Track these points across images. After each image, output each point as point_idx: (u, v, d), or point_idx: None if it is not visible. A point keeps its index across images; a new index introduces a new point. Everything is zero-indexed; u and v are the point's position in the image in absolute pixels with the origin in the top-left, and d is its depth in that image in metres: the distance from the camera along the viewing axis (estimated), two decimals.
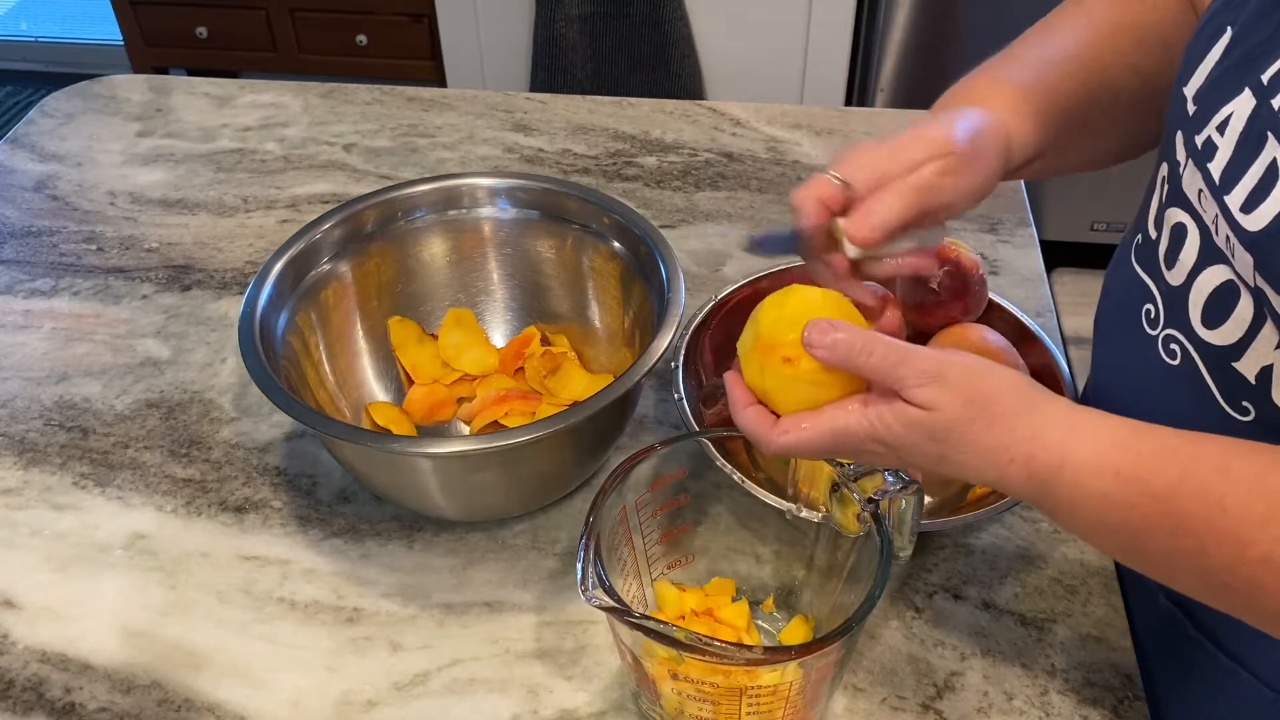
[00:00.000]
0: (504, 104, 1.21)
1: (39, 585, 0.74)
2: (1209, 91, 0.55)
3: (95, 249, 1.03)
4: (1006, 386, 0.51)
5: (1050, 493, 0.50)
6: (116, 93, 1.25)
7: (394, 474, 0.72)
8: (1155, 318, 0.60)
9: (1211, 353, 0.56)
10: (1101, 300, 0.71)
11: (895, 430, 0.51)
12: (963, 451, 0.50)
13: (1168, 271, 0.59)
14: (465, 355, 0.85)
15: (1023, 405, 0.51)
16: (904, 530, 0.61)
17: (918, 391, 0.50)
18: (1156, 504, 0.48)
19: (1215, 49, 0.55)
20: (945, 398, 0.50)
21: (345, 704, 0.67)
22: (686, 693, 0.58)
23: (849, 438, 0.52)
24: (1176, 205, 0.58)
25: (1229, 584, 0.48)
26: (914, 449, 0.51)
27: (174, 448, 0.84)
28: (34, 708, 0.67)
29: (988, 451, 0.50)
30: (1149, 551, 0.50)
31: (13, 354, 0.92)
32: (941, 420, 0.50)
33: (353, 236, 0.81)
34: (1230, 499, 0.47)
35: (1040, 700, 0.66)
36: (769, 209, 1.06)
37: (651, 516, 0.65)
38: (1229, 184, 0.52)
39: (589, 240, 0.83)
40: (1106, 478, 0.49)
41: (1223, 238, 0.53)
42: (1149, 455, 0.49)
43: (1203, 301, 0.56)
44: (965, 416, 0.50)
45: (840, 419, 0.52)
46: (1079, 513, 0.50)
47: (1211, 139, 0.54)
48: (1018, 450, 0.50)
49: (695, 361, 0.82)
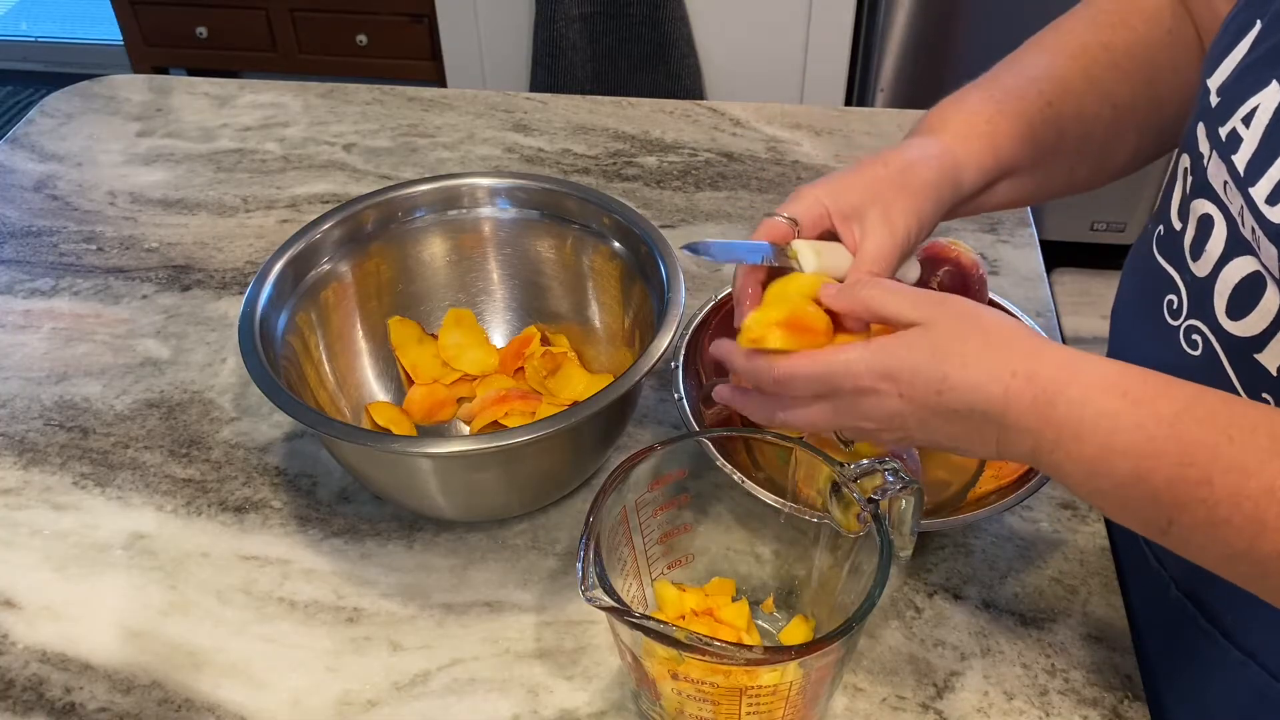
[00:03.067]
0: (504, 104, 1.21)
1: (39, 585, 0.74)
2: (1234, 84, 0.55)
3: (95, 249, 1.03)
4: (998, 316, 0.54)
5: (1055, 417, 0.50)
6: (116, 93, 1.25)
7: (394, 474, 0.72)
8: (1178, 308, 0.60)
9: (1234, 344, 0.55)
10: (1120, 292, 0.71)
11: (897, 353, 0.52)
12: (964, 367, 0.51)
13: (1193, 262, 0.58)
14: (465, 355, 0.85)
15: (1019, 328, 0.53)
16: (904, 530, 0.61)
17: (912, 311, 0.53)
18: (1164, 427, 0.48)
19: (1243, 42, 0.55)
20: (938, 311, 0.53)
21: (345, 704, 0.67)
22: (686, 693, 0.58)
23: (850, 372, 0.53)
24: (1203, 196, 0.58)
25: (1230, 519, 0.47)
26: (916, 373, 0.52)
27: (174, 448, 0.84)
28: (34, 708, 0.67)
29: (991, 365, 0.51)
30: (1154, 483, 0.49)
31: (13, 354, 0.92)
32: (938, 333, 0.52)
33: (353, 236, 0.81)
34: (1236, 429, 0.47)
35: (1040, 700, 0.66)
36: (769, 209, 1.05)
37: (651, 516, 0.65)
38: (1254, 176, 0.52)
39: (589, 240, 0.83)
40: (1114, 397, 0.49)
41: (1248, 229, 0.53)
42: (1156, 382, 0.49)
43: (1228, 292, 0.55)
44: (961, 331, 0.52)
45: (841, 353, 0.54)
46: (1084, 435, 0.49)
47: (1236, 130, 0.54)
48: (1019, 365, 0.50)
49: (695, 361, 0.82)
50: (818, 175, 1.09)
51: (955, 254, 0.83)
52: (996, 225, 1.03)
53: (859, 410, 0.54)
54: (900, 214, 0.60)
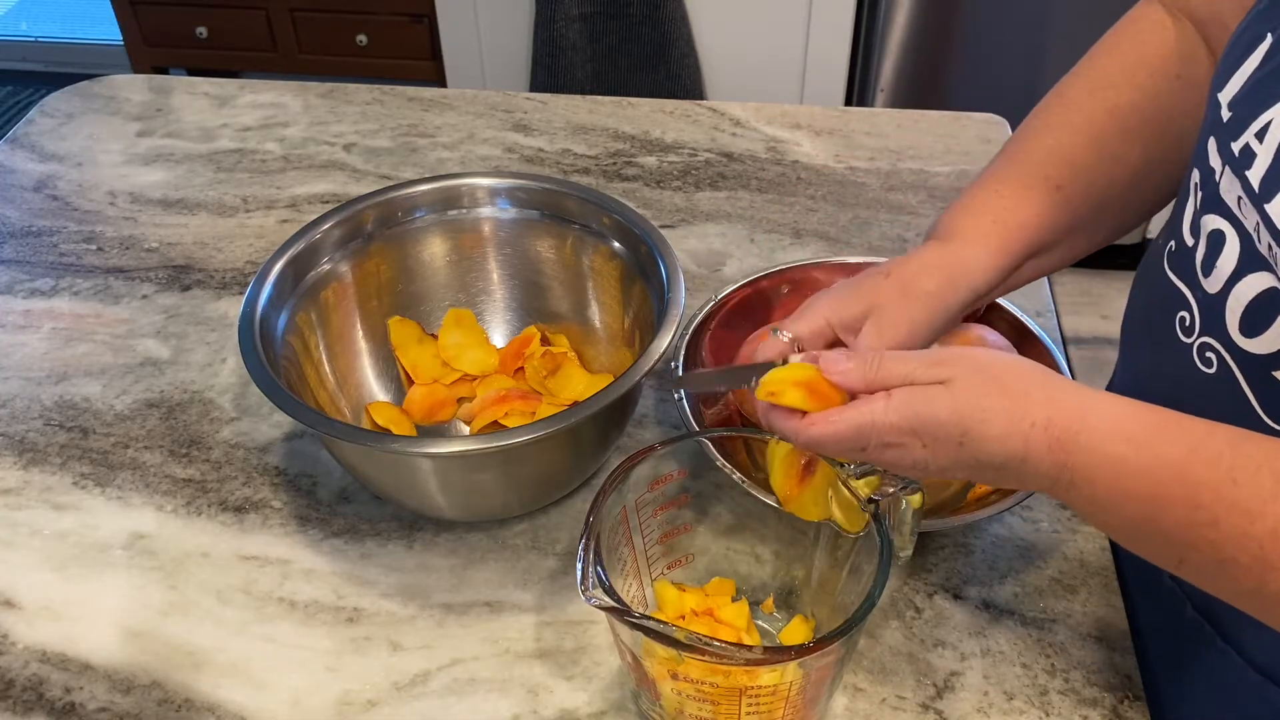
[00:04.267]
0: (504, 104, 1.21)
1: (39, 585, 0.74)
2: (1247, 98, 0.54)
3: (95, 249, 1.03)
4: (1013, 362, 0.54)
5: (1069, 462, 0.51)
6: (116, 93, 1.25)
7: (394, 474, 0.72)
8: (1190, 325, 0.60)
9: (1251, 362, 0.55)
10: (1129, 309, 0.71)
11: (919, 410, 0.52)
12: (984, 421, 0.51)
13: (1204, 279, 0.58)
14: (465, 355, 0.85)
15: (1034, 374, 0.53)
16: (904, 530, 0.61)
17: (928, 371, 0.53)
18: (1171, 471, 0.49)
19: (1254, 55, 0.55)
20: (956, 369, 0.52)
21: (345, 704, 0.67)
22: (686, 693, 0.58)
23: (875, 428, 0.53)
24: (1214, 212, 0.57)
25: (1238, 559, 0.48)
26: (938, 428, 0.52)
27: (174, 448, 0.84)
28: (34, 708, 0.67)
29: (1010, 419, 0.51)
30: (1164, 524, 0.50)
31: (13, 354, 0.92)
32: (958, 389, 0.52)
33: (353, 236, 0.82)
34: (1240, 471, 0.47)
35: (1040, 700, 0.66)
36: (769, 209, 1.06)
37: (651, 516, 0.65)
38: (1270, 192, 0.51)
39: (589, 240, 0.83)
40: (1122, 442, 0.50)
41: (1264, 245, 0.52)
42: (1164, 425, 0.50)
43: (1241, 309, 0.55)
44: (980, 386, 0.52)
45: (867, 411, 0.53)
46: (1098, 481, 0.50)
47: (1250, 146, 0.53)
48: (1037, 414, 0.51)
49: (695, 361, 0.82)
50: (818, 175, 1.10)
51: None
52: None
53: (884, 460, 0.55)
54: (892, 323, 0.62)
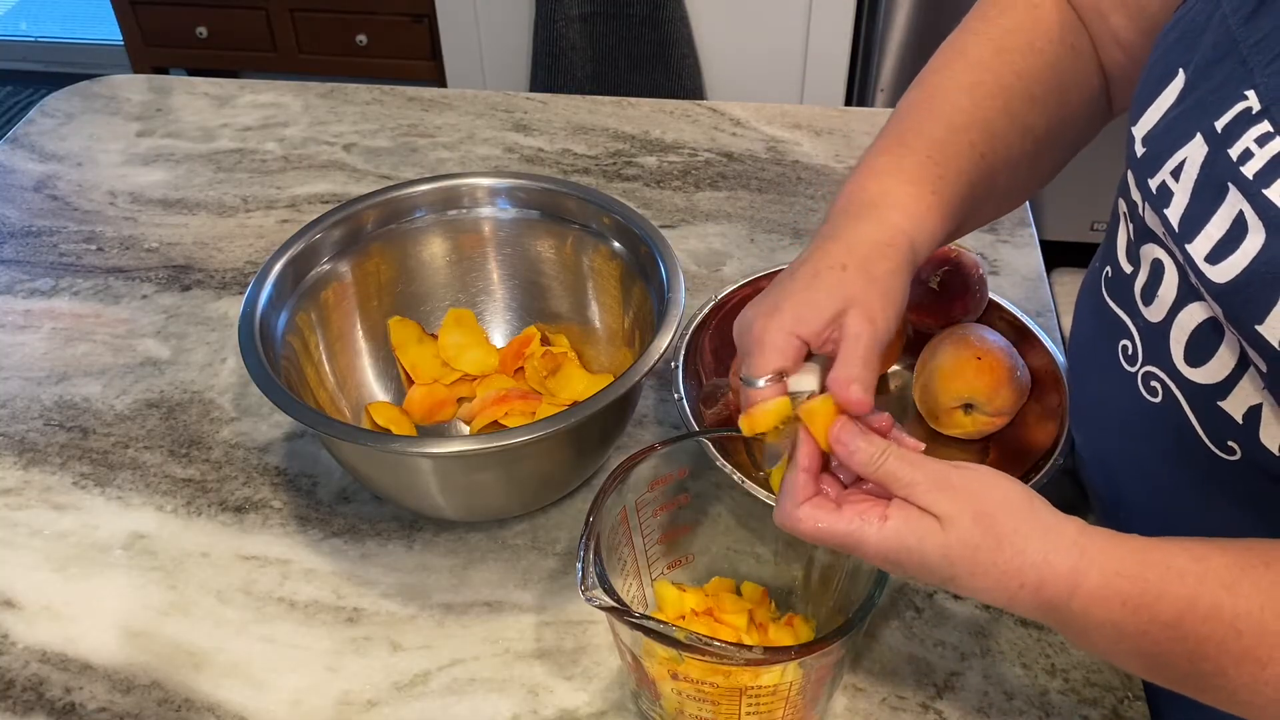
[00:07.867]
0: (504, 104, 1.21)
1: (39, 585, 0.74)
2: (1161, 135, 0.54)
3: (95, 249, 1.03)
4: (1013, 501, 0.51)
5: (1062, 619, 0.50)
6: (116, 93, 1.25)
7: (394, 474, 0.72)
8: (1133, 354, 0.59)
9: (1196, 391, 0.54)
10: (1074, 333, 0.69)
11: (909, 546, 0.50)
12: (972, 574, 0.50)
13: (1145, 308, 0.57)
14: (465, 355, 0.85)
15: (1031, 525, 0.50)
16: None
17: (929, 496, 0.50)
18: (1169, 630, 0.48)
19: (1167, 91, 0.54)
20: (956, 508, 0.50)
21: (345, 704, 0.67)
22: (686, 693, 0.58)
23: (862, 547, 0.52)
24: (1151, 241, 0.56)
25: (1253, 702, 0.48)
26: (924, 567, 0.51)
27: (174, 448, 0.84)
28: (34, 708, 0.67)
29: (1000, 576, 0.50)
30: (1173, 674, 0.50)
31: (13, 354, 0.92)
32: (951, 537, 0.50)
33: (353, 236, 0.81)
34: (1242, 620, 0.47)
35: (1040, 700, 0.66)
36: (769, 209, 1.06)
37: (651, 516, 0.65)
38: (1189, 233, 0.51)
39: (589, 240, 0.83)
40: (1114, 607, 0.49)
41: (1194, 281, 0.52)
42: (1155, 581, 0.48)
43: (1185, 339, 0.54)
44: (974, 539, 0.50)
45: (858, 529, 0.51)
46: (1094, 640, 0.51)
47: (1166, 184, 0.53)
48: (1028, 576, 0.49)
49: (695, 361, 0.82)
50: (818, 175, 1.10)
51: (955, 254, 0.84)
52: (996, 225, 1.03)
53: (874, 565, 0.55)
54: (875, 312, 0.57)
